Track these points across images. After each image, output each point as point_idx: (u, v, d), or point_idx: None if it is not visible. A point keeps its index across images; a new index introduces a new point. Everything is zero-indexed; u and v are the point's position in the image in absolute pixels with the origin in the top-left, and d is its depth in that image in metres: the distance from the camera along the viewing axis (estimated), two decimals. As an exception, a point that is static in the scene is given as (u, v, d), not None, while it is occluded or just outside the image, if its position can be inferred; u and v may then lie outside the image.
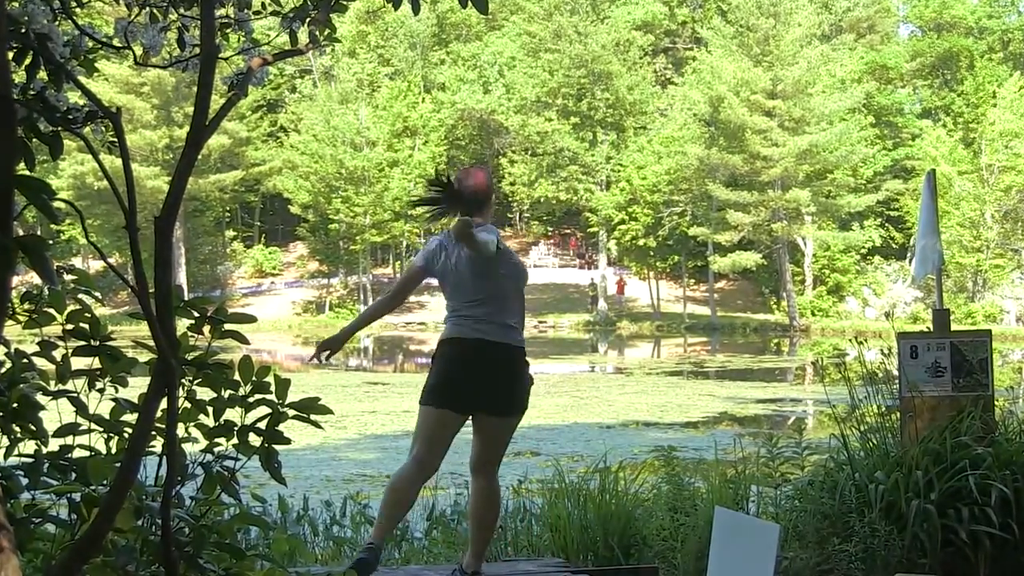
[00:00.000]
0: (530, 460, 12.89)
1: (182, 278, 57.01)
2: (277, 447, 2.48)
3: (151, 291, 1.94)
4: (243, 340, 2.52)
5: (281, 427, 2.49)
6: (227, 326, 2.46)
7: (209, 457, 2.49)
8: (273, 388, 2.49)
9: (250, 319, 2.62)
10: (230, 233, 67.32)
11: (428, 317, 52.86)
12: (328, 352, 5.01)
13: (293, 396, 2.54)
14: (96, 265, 56.69)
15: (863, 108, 54.83)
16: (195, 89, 2.03)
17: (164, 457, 2.23)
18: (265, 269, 66.28)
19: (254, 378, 2.48)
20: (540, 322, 55.60)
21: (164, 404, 1.92)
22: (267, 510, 6.41)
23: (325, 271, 63.06)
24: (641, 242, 54.27)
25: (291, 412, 2.48)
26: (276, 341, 48.17)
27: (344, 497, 7.19)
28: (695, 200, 53.02)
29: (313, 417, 2.51)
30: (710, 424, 17.70)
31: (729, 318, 54.90)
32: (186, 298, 2.42)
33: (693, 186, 52.52)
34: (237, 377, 2.47)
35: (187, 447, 2.50)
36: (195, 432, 2.51)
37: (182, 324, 2.43)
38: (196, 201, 60.16)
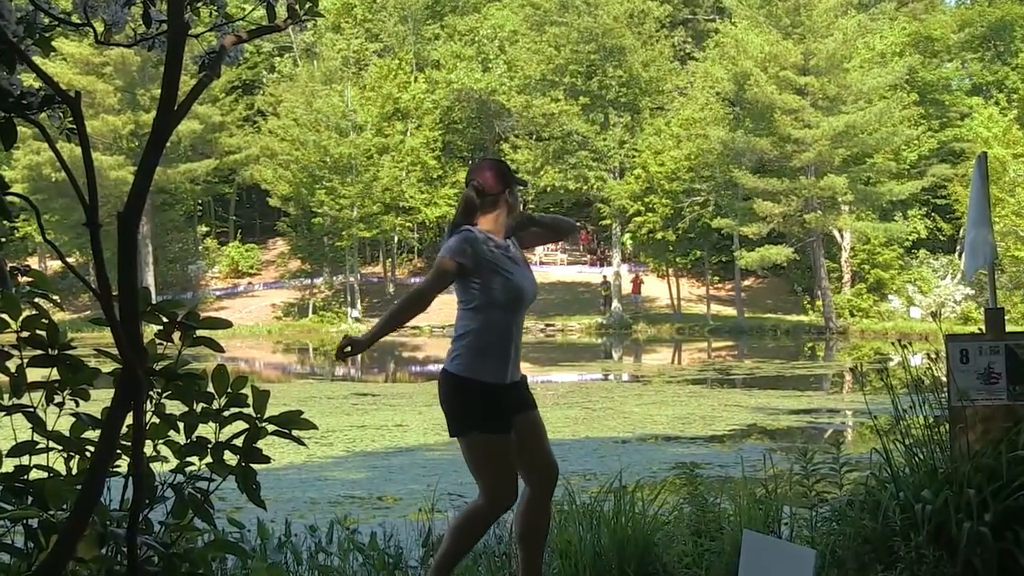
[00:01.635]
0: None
1: (149, 279, 57.15)
2: (255, 466, 2.48)
3: (115, 294, 1.93)
4: (217, 348, 2.53)
5: (260, 444, 2.50)
6: (199, 332, 2.47)
7: (180, 478, 2.50)
8: (250, 401, 2.49)
9: (224, 324, 2.61)
10: (202, 229, 67.52)
11: (424, 321, 52.78)
12: (350, 350, 5.16)
13: (273, 409, 2.53)
14: (55, 265, 56.87)
15: (906, 84, 54.72)
16: (163, 70, 2.02)
17: (130, 478, 2.21)
18: (242, 268, 66.61)
19: (229, 390, 2.49)
20: (547, 326, 55.93)
21: (130, 419, 1.91)
22: (245, 536, 6.39)
23: (308, 270, 63.16)
24: (659, 235, 54.26)
25: (270, 427, 2.49)
26: (255, 348, 48.31)
27: (330, 521, 7.14)
28: (719, 189, 52.97)
29: (295, 433, 2.52)
30: (737, 438, 17.62)
31: (758, 319, 54.87)
32: (154, 301, 2.41)
33: (716, 173, 52.49)
34: (211, 389, 2.45)
35: (156, 467, 2.48)
36: (165, 450, 2.50)
37: (149, 330, 2.42)
38: (164, 194, 60.35)
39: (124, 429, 2.01)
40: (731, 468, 12.11)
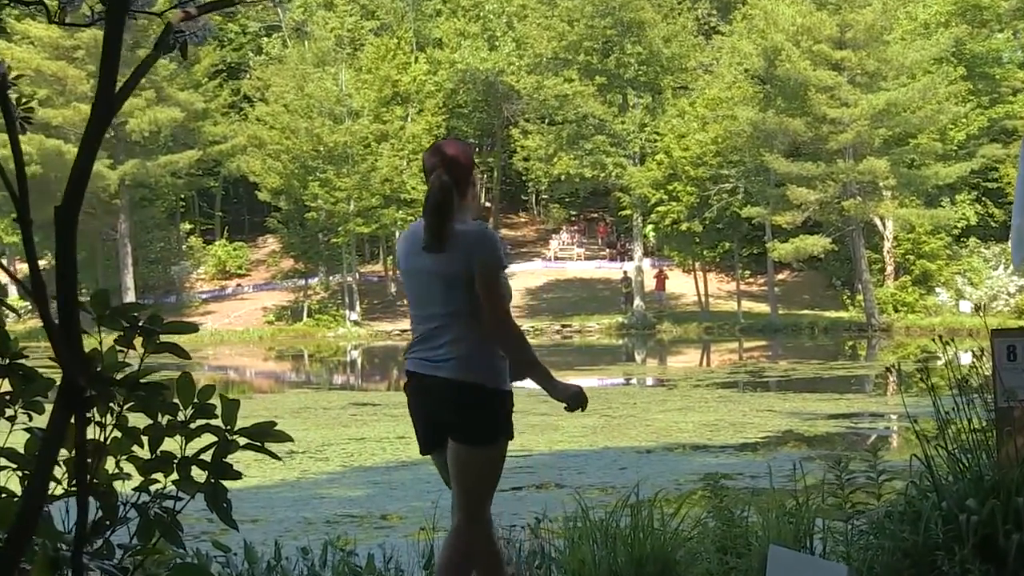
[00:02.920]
0: (551, 494, 12.89)
1: (129, 282, 57.48)
2: (228, 483, 2.48)
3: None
4: (183, 354, 2.50)
5: (247, 460, 2.49)
6: (163, 337, 2.45)
7: (145, 496, 2.48)
8: (219, 411, 2.47)
9: (190, 328, 2.58)
10: (186, 227, 67.97)
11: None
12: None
13: (265, 419, 2.52)
14: (26, 268, 56.95)
15: (952, 58, 54.59)
16: (139, 53, 2.01)
17: (86, 498, 2.21)
18: (229, 269, 66.85)
19: (196, 400, 2.47)
20: (563, 327, 56.30)
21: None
22: (231, 560, 6.41)
23: (302, 270, 63.27)
24: (684, 227, 54.22)
25: (241, 440, 2.46)
26: (245, 356, 48.44)
27: (324, 542, 7.17)
28: (748, 174, 53.07)
29: (269, 446, 2.49)
30: (771, 446, 17.64)
31: (793, 316, 54.90)
32: (131, 304, 2.41)
33: (746, 157, 52.55)
34: (177, 400, 2.46)
35: (119, 485, 2.48)
36: (128, 466, 2.50)
37: (109, 338, 2.41)
38: (143, 189, 60.74)
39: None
40: (762, 479, 12.11)
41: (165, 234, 65.91)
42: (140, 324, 2.45)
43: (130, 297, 55.64)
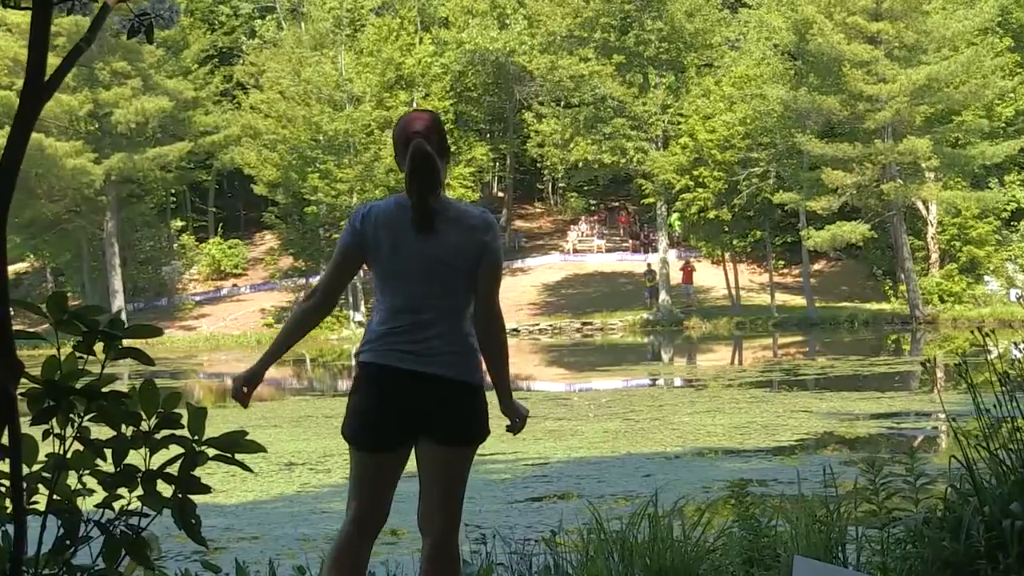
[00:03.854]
0: (567, 504, 12.86)
1: (117, 284, 57.47)
2: (223, 499, 2.49)
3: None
4: (146, 360, 2.48)
5: (229, 471, 2.48)
6: (125, 342, 2.44)
7: (110, 514, 2.47)
8: (186, 421, 2.46)
9: (154, 332, 2.59)
10: (177, 224, 68.17)
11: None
12: (248, 390, 5.20)
13: (261, 432, 2.53)
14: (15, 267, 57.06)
15: (997, 28, 54.42)
16: (123, 39, 2.01)
17: (47, 514, 2.20)
18: (225, 268, 66.85)
19: (160, 409, 2.45)
20: (584, 324, 56.24)
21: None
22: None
23: (302, 268, 63.19)
24: (712, 215, 54.14)
25: (210, 451, 2.45)
26: (241, 361, 48.25)
27: (322, 560, 7.14)
28: (780, 157, 52.98)
29: (240, 457, 2.48)
30: (807, 449, 17.54)
31: (831, 310, 54.73)
32: (124, 309, 2.41)
33: (777, 139, 52.47)
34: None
35: (81, 502, 2.47)
36: (91, 481, 2.49)
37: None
38: (131, 184, 60.85)
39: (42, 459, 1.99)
40: (796, 485, 12.00)
41: (155, 232, 66.02)
42: (100, 329, 2.44)
43: (118, 301, 56.10)
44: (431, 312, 4.96)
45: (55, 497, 2.42)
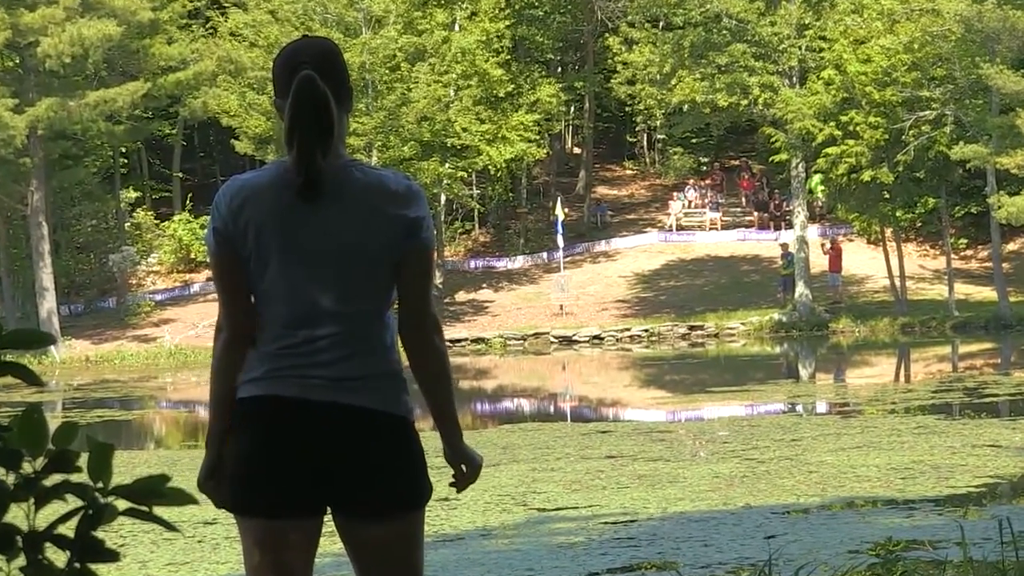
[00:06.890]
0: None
1: (47, 280, 57.90)
2: (101, 569, 2.66)
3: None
4: (34, 380, 2.76)
5: (109, 530, 2.75)
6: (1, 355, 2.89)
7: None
8: (86, 463, 2.70)
9: (46, 339, 2.85)
10: (130, 195, 68.83)
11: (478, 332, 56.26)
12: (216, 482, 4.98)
13: (157, 475, 2.75)
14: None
15: None
16: None
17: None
18: (195, 256, 66.21)
19: (51, 446, 2.68)
20: (692, 329, 57.13)
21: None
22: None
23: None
24: (867, 176, 53.47)
25: (120, 504, 2.67)
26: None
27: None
28: (959, 97, 52.95)
29: (161, 511, 2.70)
30: (992, 498, 17.54)
31: (1032, 305, 55.40)
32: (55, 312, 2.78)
33: (956, 71, 52.35)
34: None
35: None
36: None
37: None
38: (65, 141, 60.73)
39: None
40: (971, 547, 11.82)
41: (99, 208, 67.07)
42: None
43: (49, 300, 56.27)
44: (339, 323, 4.82)
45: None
